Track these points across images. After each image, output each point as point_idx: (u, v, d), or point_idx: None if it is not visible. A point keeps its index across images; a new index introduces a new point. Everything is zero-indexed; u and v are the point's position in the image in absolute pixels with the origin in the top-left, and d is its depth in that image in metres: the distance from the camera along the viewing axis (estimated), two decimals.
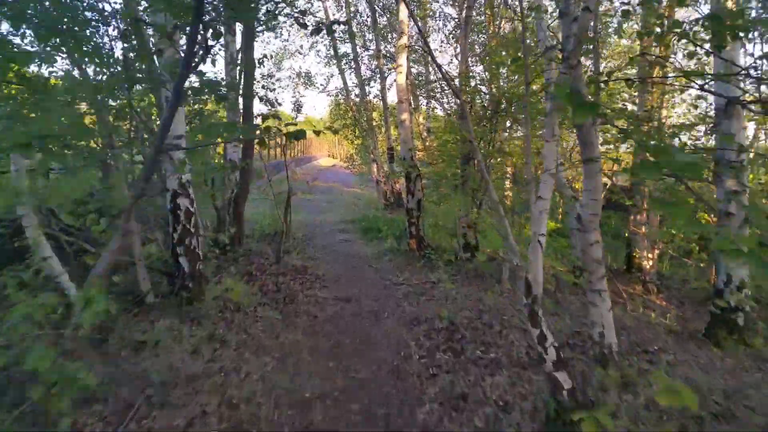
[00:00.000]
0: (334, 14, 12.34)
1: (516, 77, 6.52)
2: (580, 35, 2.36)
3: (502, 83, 6.91)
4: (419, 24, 6.10)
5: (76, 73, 4.19)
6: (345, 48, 12.44)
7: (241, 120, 5.77)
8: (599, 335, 2.84)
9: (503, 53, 7.37)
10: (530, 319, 2.44)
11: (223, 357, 3.25)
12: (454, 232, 6.03)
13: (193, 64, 1.83)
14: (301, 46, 13.36)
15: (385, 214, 10.57)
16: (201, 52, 1.84)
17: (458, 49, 12.65)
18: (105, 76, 3.75)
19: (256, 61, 5.60)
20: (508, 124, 7.09)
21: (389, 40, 11.56)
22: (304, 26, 2.62)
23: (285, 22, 11.10)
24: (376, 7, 11.04)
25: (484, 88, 7.15)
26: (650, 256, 5.61)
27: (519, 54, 7.52)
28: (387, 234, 7.79)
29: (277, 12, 4.79)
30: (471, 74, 6.04)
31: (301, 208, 11.90)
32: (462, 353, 3.43)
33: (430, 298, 4.81)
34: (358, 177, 14.89)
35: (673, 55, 5.37)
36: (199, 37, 1.94)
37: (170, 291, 4.09)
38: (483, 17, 10.26)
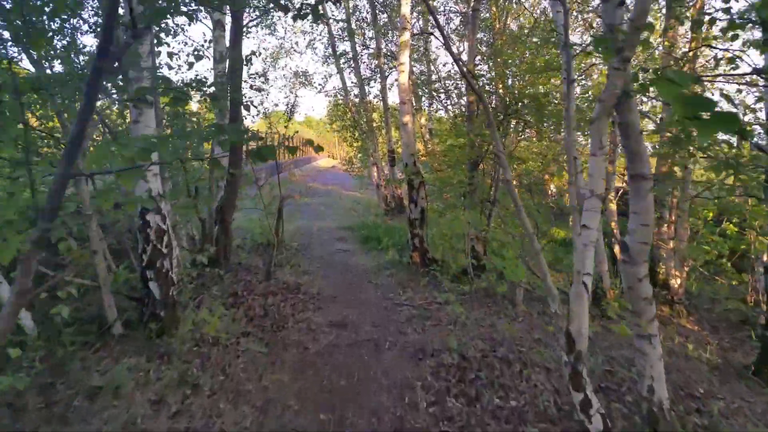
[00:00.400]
0: (332, 10, 11.82)
1: (527, 76, 6.01)
2: (638, 21, 1.84)
3: (511, 82, 6.41)
4: (434, 14, 5.58)
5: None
6: (344, 46, 11.94)
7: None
8: (648, 390, 2.32)
9: (509, 51, 6.89)
10: (572, 380, 1.93)
11: (192, 408, 2.72)
12: (461, 246, 5.52)
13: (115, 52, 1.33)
14: (296, 43, 12.65)
15: (385, 220, 10.06)
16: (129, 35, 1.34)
17: (462, 47, 12.14)
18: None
19: (244, 58, 5.08)
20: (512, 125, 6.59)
21: (390, 37, 11.04)
22: (285, 10, 2.11)
23: (280, 18, 10.60)
24: (377, 2, 10.51)
25: (491, 88, 6.65)
26: (678, 273, 5.09)
27: (527, 53, 7.01)
28: (388, 244, 7.27)
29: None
30: (479, 72, 5.53)
31: (298, 213, 11.37)
32: (477, 400, 2.91)
33: (437, 322, 4.29)
34: (357, 180, 14.34)
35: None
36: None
37: (140, 320, 3.57)
38: (488, 14, 9.75)
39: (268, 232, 6.46)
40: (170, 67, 4.77)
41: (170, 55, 4.63)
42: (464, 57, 12.16)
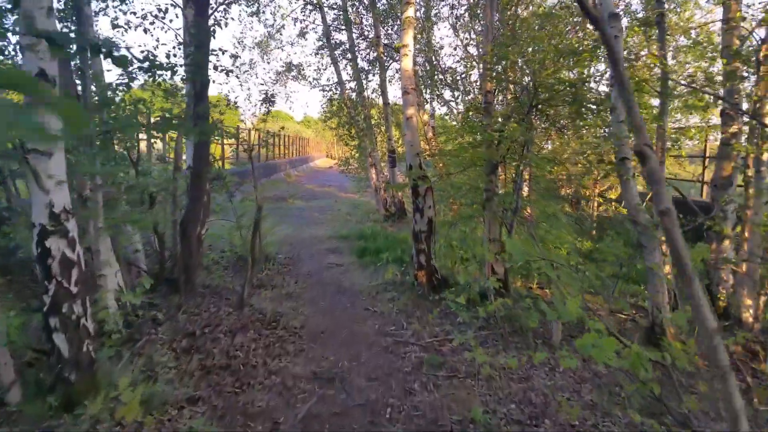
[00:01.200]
0: None
1: (546, 60, 5.01)
2: None
3: (531, 68, 5.41)
4: None
5: None
6: (340, 36, 10.93)
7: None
8: None
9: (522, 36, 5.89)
10: None
11: None
12: (478, 267, 4.54)
13: None
14: (283, 26, 11.43)
15: (384, 227, 9.04)
16: None
17: (469, 37, 11.15)
18: None
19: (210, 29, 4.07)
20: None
21: (390, 25, 10.04)
22: None
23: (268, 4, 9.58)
24: None
25: (506, 77, 5.64)
26: (750, 302, 4.10)
27: (552, 41, 6.02)
28: (388, 259, 6.26)
29: None
30: (499, 53, 4.52)
31: (291, 218, 10.40)
32: None
33: (453, 373, 3.29)
34: (355, 182, 13.31)
35: None
36: None
37: (44, 385, 2.56)
38: None
39: (242, 246, 5.46)
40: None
41: (114, 25, 3.63)
42: (471, 49, 11.18)
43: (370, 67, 10.77)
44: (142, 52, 3.52)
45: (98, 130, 3.35)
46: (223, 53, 4.21)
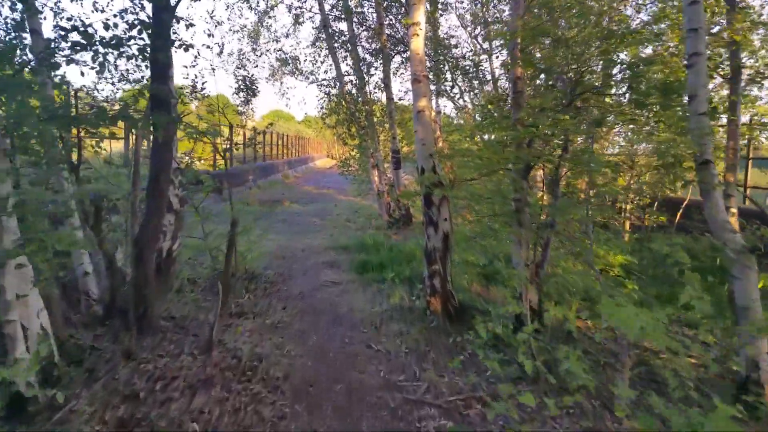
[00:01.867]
0: None
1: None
2: None
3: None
4: None
5: None
6: (339, 26, 10.04)
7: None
8: None
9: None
10: None
11: None
12: (511, 289, 3.65)
13: None
14: (273, 8, 10.41)
15: (389, 235, 8.13)
16: None
17: (479, 29, 10.26)
18: None
19: None
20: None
21: (394, 12, 9.14)
22: None
23: None
24: None
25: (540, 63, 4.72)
26: None
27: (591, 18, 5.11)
28: (394, 276, 5.36)
29: None
30: (536, 29, 3.60)
31: (286, 224, 9.55)
32: None
33: None
34: (356, 185, 12.35)
35: None
36: None
37: None
38: None
39: (215, 262, 4.55)
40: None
41: None
42: (480, 39, 10.27)
43: (372, 59, 9.88)
44: (69, 19, 2.63)
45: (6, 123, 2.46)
46: (178, 22, 3.27)
